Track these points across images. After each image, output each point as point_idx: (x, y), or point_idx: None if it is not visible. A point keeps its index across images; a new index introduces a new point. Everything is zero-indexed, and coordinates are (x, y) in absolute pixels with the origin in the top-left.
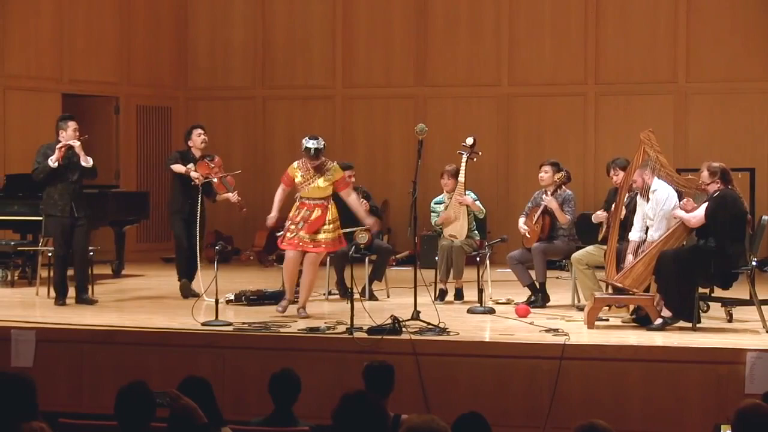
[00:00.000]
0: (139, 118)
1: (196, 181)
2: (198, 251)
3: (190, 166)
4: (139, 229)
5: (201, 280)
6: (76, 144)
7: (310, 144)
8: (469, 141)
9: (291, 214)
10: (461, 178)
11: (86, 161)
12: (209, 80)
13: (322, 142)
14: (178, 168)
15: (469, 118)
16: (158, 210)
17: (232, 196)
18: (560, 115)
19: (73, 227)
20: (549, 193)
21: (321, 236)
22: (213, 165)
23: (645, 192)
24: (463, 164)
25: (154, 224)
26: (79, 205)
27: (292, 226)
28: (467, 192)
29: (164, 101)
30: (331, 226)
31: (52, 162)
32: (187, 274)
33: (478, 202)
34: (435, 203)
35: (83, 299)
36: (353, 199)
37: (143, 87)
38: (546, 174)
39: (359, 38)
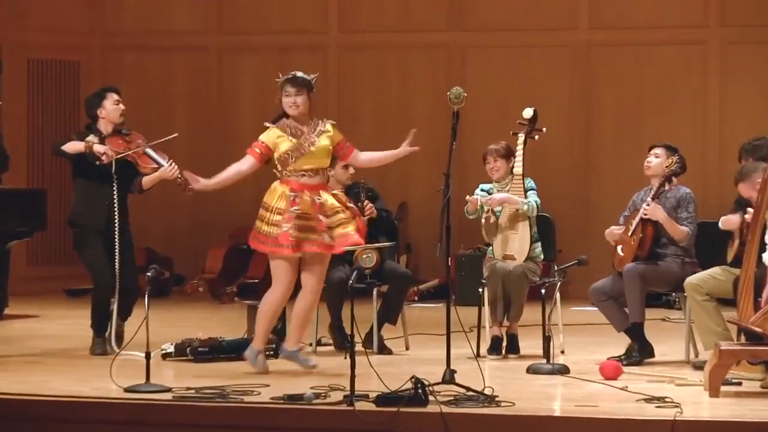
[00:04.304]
0: (32, 79)
1: (104, 158)
2: (120, 279)
3: (91, 138)
4: (30, 247)
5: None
6: None
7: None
8: (528, 113)
9: (275, 203)
10: (518, 168)
11: None
12: (138, 23)
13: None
14: (73, 146)
15: (529, 77)
16: (59, 217)
17: (167, 170)
18: (667, 74)
19: None
20: (653, 191)
21: (342, 229)
22: (130, 141)
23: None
24: (520, 147)
25: (54, 238)
26: None
27: (297, 222)
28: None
29: (70, 53)
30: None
31: None
32: (104, 326)
33: (531, 197)
34: (481, 189)
35: None
36: (368, 156)
37: (38, 33)
38: (656, 159)
39: None
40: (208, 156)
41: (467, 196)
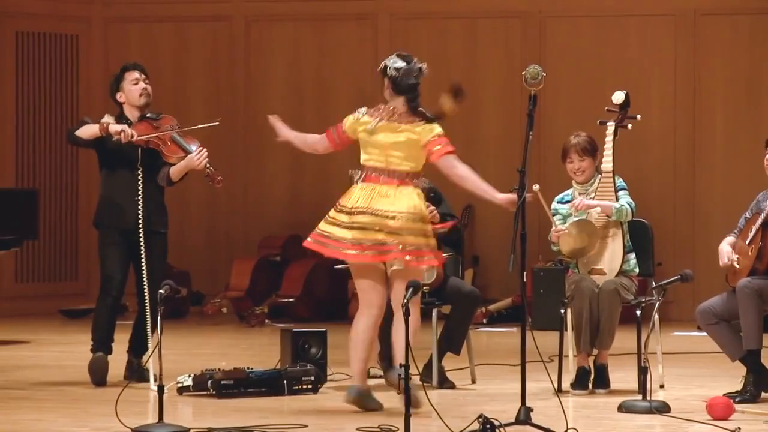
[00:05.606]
0: (21, 56)
1: (121, 136)
2: (147, 298)
3: (106, 118)
4: (19, 259)
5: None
6: None
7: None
8: (618, 98)
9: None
10: (607, 164)
11: None
12: None
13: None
14: (87, 130)
15: (623, 54)
16: (54, 223)
17: (193, 158)
18: None
19: None
20: None
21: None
22: (158, 126)
23: None
24: (610, 139)
25: (48, 249)
26: None
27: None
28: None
29: (66, 25)
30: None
31: None
32: (106, 343)
33: (624, 198)
34: (558, 202)
35: None
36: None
37: (29, 1)
38: None
39: None
40: (232, 148)
41: (552, 232)
